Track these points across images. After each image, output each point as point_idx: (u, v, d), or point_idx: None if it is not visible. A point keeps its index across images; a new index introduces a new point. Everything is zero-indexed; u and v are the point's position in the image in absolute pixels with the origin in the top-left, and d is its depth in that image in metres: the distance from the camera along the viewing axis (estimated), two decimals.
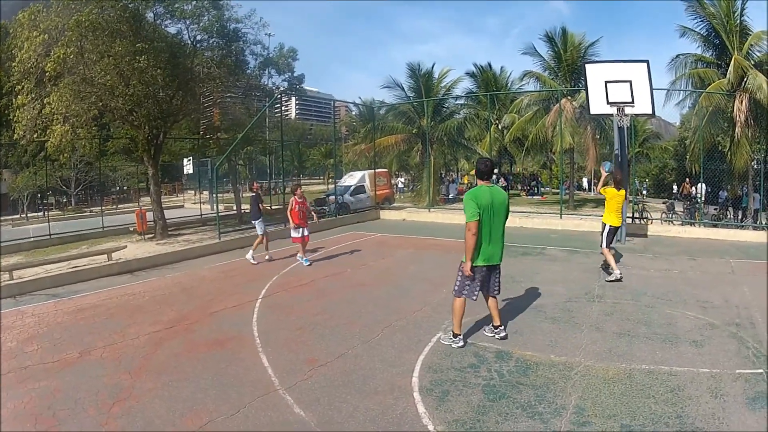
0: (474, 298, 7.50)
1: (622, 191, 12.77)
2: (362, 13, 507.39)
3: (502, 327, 8.01)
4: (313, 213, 15.98)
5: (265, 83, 27.92)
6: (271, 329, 8.49)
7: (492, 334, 7.94)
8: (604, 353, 7.42)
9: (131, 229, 23.56)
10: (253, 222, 15.69)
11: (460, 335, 7.61)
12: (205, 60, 21.93)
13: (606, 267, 12.47)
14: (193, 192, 51.42)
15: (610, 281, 11.78)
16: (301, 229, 14.10)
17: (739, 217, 26.25)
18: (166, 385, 6.49)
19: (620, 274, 11.84)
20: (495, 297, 7.86)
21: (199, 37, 22.11)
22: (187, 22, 21.30)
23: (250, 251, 14.78)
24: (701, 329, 8.49)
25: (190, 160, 38.95)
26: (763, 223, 22.69)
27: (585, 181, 61.20)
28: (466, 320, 7.91)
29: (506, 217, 7.53)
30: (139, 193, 42.57)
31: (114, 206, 44.16)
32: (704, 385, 6.37)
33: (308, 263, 13.89)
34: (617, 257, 13.25)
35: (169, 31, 22.19)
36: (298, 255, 14.18)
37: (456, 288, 7.52)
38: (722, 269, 13.75)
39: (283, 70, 27.63)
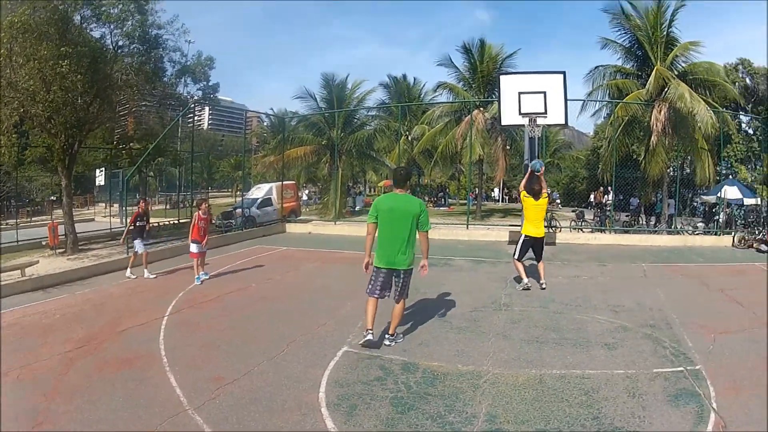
0: (375, 295, 8.00)
1: (542, 200, 12.17)
2: (282, 17, 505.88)
3: (399, 335, 8.34)
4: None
5: (181, 92, 27.43)
6: (177, 346, 8.39)
7: (389, 343, 8.12)
8: (512, 360, 7.47)
9: (43, 243, 22.99)
10: (133, 241, 15.32)
11: (369, 329, 7.98)
12: (124, 66, 21.59)
13: (519, 280, 12.39)
14: (104, 205, 49.66)
15: (521, 289, 11.92)
16: (199, 245, 13.70)
17: (653, 223, 27.14)
18: (79, 408, 6.22)
19: (528, 282, 11.98)
20: (398, 303, 8.15)
21: (121, 43, 21.87)
22: (112, 27, 21.09)
23: (144, 270, 14.67)
24: (613, 332, 8.71)
25: (102, 171, 37.60)
26: (678, 227, 23.42)
27: (496, 191, 62.48)
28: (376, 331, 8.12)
29: (413, 226, 7.90)
30: (52, 206, 40.82)
31: (28, 219, 42.07)
32: (620, 385, 6.50)
33: (200, 282, 13.46)
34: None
35: (94, 35, 21.68)
36: (202, 272, 13.79)
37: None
38: (634, 273, 14.33)
39: (199, 79, 27.41)
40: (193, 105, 29.36)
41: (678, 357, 7.48)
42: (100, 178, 38.95)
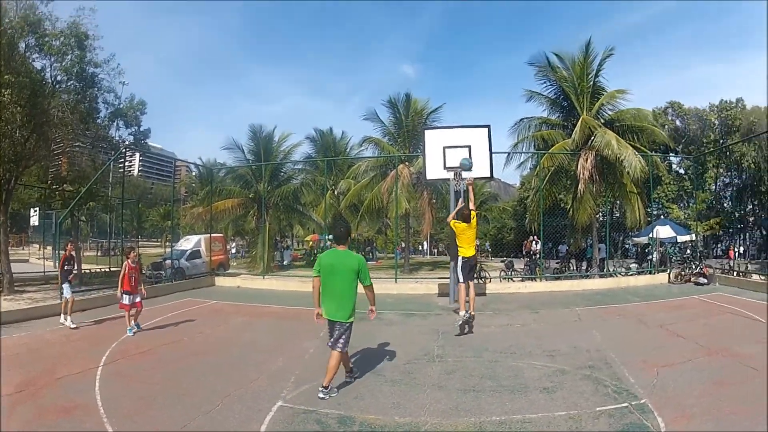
0: (329, 345, 8.43)
1: (473, 224, 13.07)
2: (211, 63, 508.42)
3: (334, 389, 8.23)
4: (142, 285, 14.83)
5: (113, 135, 27.08)
6: (113, 398, 8.21)
7: (323, 396, 8.01)
8: (450, 410, 7.30)
9: None
10: (62, 285, 14.88)
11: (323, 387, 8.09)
12: (61, 103, 21.56)
13: (457, 311, 12.68)
14: (38, 246, 48.96)
15: (461, 323, 12.20)
16: (130, 296, 13.47)
17: (584, 268, 27.45)
18: None
19: (466, 314, 12.23)
20: (333, 351, 8.34)
21: (59, 78, 21.91)
22: (52, 59, 21.17)
23: (68, 317, 14.44)
24: (551, 376, 8.68)
25: (36, 210, 36.91)
26: (611, 270, 23.72)
27: (425, 244, 63.06)
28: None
29: (353, 281, 8.39)
30: None
31: None
32: (563, 426, 6.45)
33: (132, 333, 13.13)
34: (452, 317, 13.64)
35: (35, 66, 21.78)
36: (134, 323, 13.47)
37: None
38: (568, 318, 14.43)
39: (131, 123, 26.86)
40: (124, 150, 28.98)
41: (621, 394, 7.50)
42: (34, 218, 38.75)
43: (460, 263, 12.88)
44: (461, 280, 12.82)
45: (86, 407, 7.72)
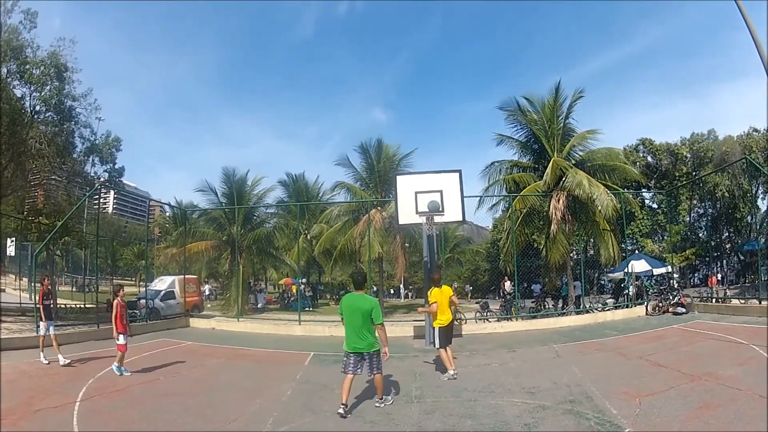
0: (349, 372, 9.47)
1: (446, 289, 12.98)
2: (186, 108, 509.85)
3: (387, 397, 9.92)
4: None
5: (88, 171, 26.93)
6: None
7: (379, 404, 9.64)
8: None
9: None
10: (47, 323, 14.54)
11: (343, 404, 9.14)
12: (39, 134, 21.73)
13: (444, 370, 12.30)
14: (14, 277, 47.89)
15: (447, 379, 11.88)
16: (123, 336, 13.15)
17: (560, 306, 27.40)
18: None
19: (455, 373, 11.99)
20: (375, 375, 9.75)
21: (38, 108, 22.11)
22: (32, 88, 21.40)
23: (41, 354, 14.24)
24: (532, 413, 8.56)
25: (13, 241, 35.91)
26: (587, 306, 23.76)
27: (401, 288, 63.12)
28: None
29: (368, 319, 9.60)
30: None
31: None
32: None
33: (124, 373, 12.83)
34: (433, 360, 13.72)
35: (15, 93, 21.90)
36: (115, 364, 13.01)
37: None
38: (546, 355, 14.37)
39: (107, 160, 26.77)
40: (99, 186, 28.88)
41: (604, 425, 7.42)
42: (10, 249, 37.83)
43: (437, 332, 12.68)
44: (439, 346, 12.59)
45: None
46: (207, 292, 50.18)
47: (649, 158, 55.48)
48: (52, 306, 15.12)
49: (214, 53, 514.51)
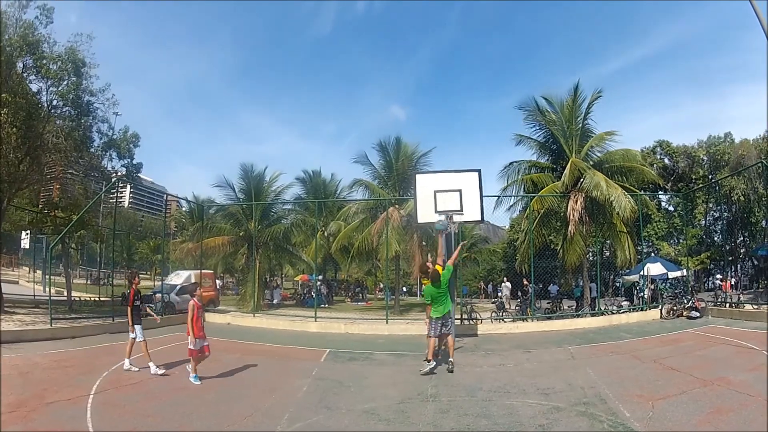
0: (436, 335, 12.81)
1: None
2: (204, 104, 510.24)
3: (450, 361, 12.56)
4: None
5: (105, 166, 27.03)
6: (105, 427, 8.21)
7: (447, 365, 12.46)
8: None
9: None
10: (133, 328, 13.16)
11: (430, 359, 12.39)
12: (56, 128, 21.62)
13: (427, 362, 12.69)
14: (27, 269, 48.99)
15: (422, 374, 12.31)
16: (197, 340, 11.77)
17: (575, 307, 27.38)
18: None
19: (433, 367, 12.51)
20: (450, 336, 12.99)
21: (55, 102, 21.99)
22: (49, 83, 21.28)
23: (152, 365, 12.62)
24: (546, 414, 8.60)
25: (28, 234, 37.03)
26: (602, 308, 23.79)
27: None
28: None
29: (447, 293, 13.23)
30: None
31: None
32: None
33: (199, 382, 11.52)
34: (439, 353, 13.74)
35: (32, 88, 21.94)
36: (192, 375, 11.70)
37: (431, 331, 12.97)
38: (561, 357, 14.37)
39: (124, 155, 26.78)
40: (117, 181, 29.01)
41: (616, 428, 7.47)
42: (25, 241, 38.66)
43: (432, 322, 13.19)
44: (431, 334, 13.10)
45: None
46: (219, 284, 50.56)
47: (666, 160, 55.03)
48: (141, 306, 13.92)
49: (233, 50, 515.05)
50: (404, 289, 55.43)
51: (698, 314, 20.54)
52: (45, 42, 20.84)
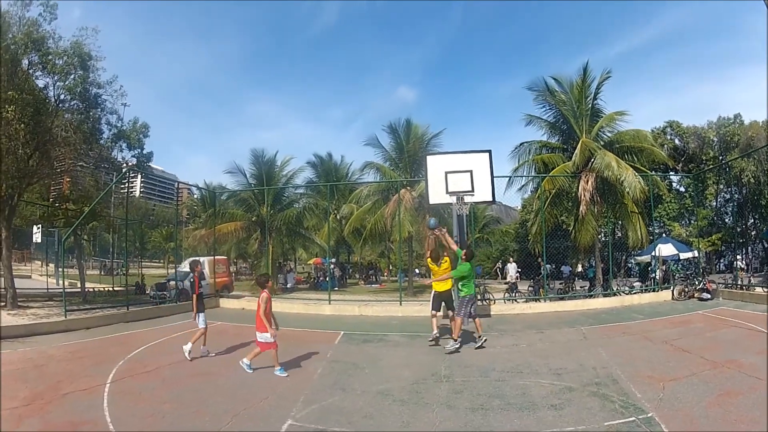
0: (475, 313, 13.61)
1: (443, 265, 14.47)
2: (210, 93, 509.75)
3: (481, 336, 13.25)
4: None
5: (116, 156, 27.09)
6: (122, 416, 8.24)
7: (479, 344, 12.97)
8: (459, 428, 7.32)
9: None
10: (197, 315, 13.64)
11: (459, 339, 13.05)
12: (64, 123, 21.67)
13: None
14: (40, 263, 49.52)
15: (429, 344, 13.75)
16: (266, 335, 11.24)
17: (587, 288, 27.39)
18: None
19: (437, 334, 13.93)
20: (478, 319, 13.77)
21: (62, 97, 22.06)
22: (55, 78, 21.29)
23: (189, 343, 13.04)
24: (558, 394, 8.70)
25: (39, 228, 37.21)
26: (615, 289, 23.89)
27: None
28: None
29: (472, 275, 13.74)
30: None
31: None
32: None
33: (285, 374, 10.90)
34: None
35: (38, 84, 22.02)
36: (278, 368, 11.08)
37: (462, 312, 13.27)
38: (573, 337, 14.43)
39: (134, 146, 26.82)
40: (128, 171, 29.14)
41: (628, 408, 7.55)
42: (37, 235, 38.77)
43: (431, 295, 14.61)
44: (430, 308, 14.48)
45: (95, 423, 7.82)
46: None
47: (677, 141, 54.58)
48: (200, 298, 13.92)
49: (237, 39, 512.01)
50: (416, 270, 55.28)
51: (709, 296, 20.52)
52: (50, 38, 20.90)
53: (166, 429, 7.62)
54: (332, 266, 37.45)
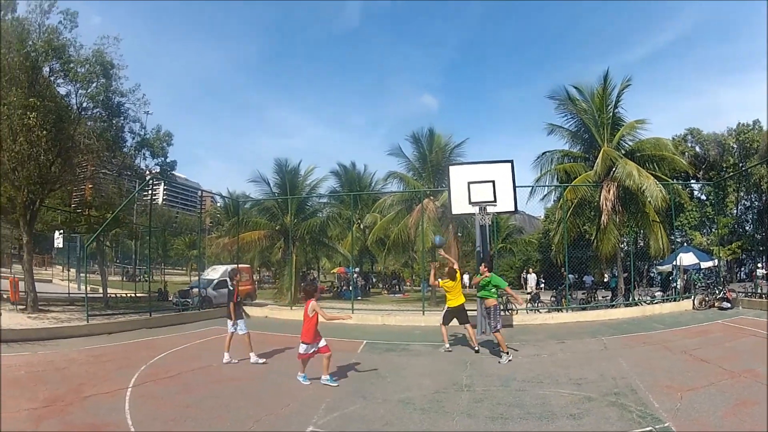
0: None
1: (451, 282, 15.08)
2: (230, 100, 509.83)
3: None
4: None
5: (139, 164, 27.36)
6: (144, 419, 8.32)
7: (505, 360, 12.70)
8: None
9: (5, 296, 23.50)
10: (237, 322, 13.59)
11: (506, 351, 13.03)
12: (87, 130, 21.95)
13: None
14: (61, 268, 50.08)
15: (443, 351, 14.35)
16: (309, 346, 10.84)
17: (609, 298, 27.33)
18: None
19: (449, 347, 14.60)
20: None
21: (85, 104, 22.24)
22: (77, 86, 21.48)
23: (253, 354, 13.35)
24: (577, 404, 8.76)
25: (61, 233, 37.59)
26: (636, 299, 23.91)
27: (465, 277, 62.96)
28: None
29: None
30: (10, 259, 39.85)
31: None
32: None
33: (336, 384, 10.53)
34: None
35: (60, 92, 22.25)
36: (325, 375, 10.59)
37: (498, 326, 13.47)
38: (594, 347, 14.48)
39: (158, 154, 27.05)
40: (151, 179, 29.39)
41: (645, 418, 7.62)
42: (58, 241, 39.16)
43: (444, 311, 15.18)
44: (442, 321, 15.00)
45: (117, 425, 7.95)
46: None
47: (697, 148, 54.10)
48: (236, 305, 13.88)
49: (255, 44, 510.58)
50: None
51: (729, 305, 20.41)
52: (71, 46, 21.09)
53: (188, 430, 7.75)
54: (356, 275, 37.55)
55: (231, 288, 14.23)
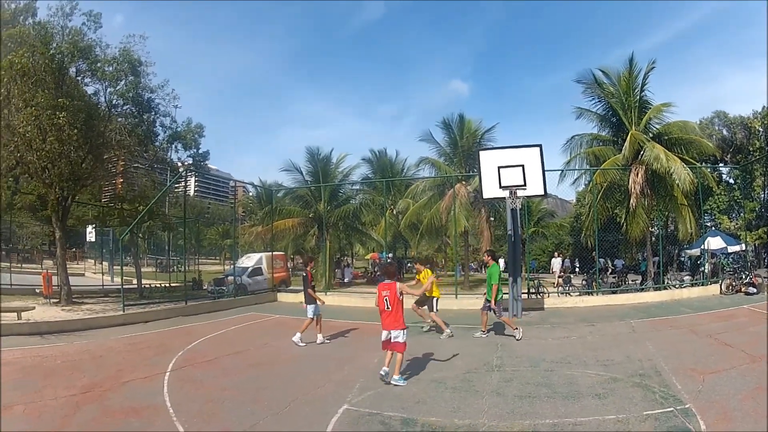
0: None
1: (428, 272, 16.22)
2: (259, 93, 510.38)
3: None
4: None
5: (171, 157, 27.74)
6: (182, 401, 8.60)
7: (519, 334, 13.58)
8: (506, 414, 7.60)
9: (37, 291, 23.95)
10: (306, 306, 14.36)
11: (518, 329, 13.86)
12: (118, 126, 22.48)
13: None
14: (93, 261, 50.64)
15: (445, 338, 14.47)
16: (393, 333, 9.76)
17: (639, 281, 27.20)
18: None
19: (451, 333, 14.73)
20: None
21: (114, 102, 22.70)
22: (105, 84, 21.92)
23: (298, 333, 13.80)
24: (603, 384, 8.93)
25: (94, 227, 38.24)
26: (665, 283, 24.11)
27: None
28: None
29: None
30: (42, 255, 40.76)
31: (19, 265, 41.93)
32: (611, 428, 6.76)
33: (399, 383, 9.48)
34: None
35: (88, 91, 22.77)
36: (394, 377, 9.51)
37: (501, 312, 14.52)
38: (622, 330, 14.56)
39: (190, 146, 27.36)
40: (185, 171, 29.70)
41: (667, 399, 7.77)
42: (90, 235, 39.73)
43: (434, 301, 16.07)
44: (434, 310, 15.91)
45: (155, 408, 8.21)
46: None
47: (725, 131, 53.08)
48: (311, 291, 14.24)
49: (284, 37, 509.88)
50: (472, 265, 55.10)
51: (755, 290, 20.23)
52: (97, 46, 21.38)
53: (226, 413, 8.00)
54: (389, 261, 37.74)
55: (304, 275, 14.85)
